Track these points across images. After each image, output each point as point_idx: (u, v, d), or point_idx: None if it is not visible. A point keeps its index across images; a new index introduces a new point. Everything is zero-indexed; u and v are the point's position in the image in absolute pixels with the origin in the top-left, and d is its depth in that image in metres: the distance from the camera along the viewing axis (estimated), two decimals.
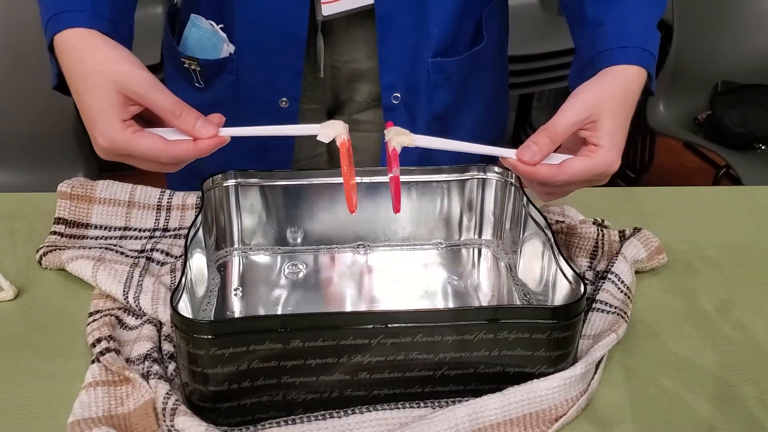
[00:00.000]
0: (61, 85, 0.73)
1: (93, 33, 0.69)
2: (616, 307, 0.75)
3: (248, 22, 0.88)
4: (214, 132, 0.67)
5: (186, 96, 0.96)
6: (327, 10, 0.86)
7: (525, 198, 0.80)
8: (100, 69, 0.66)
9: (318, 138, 0.68)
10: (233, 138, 0.96)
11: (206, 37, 0.90)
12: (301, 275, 0.83)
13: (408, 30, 0.89)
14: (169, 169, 0.68)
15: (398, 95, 0.92)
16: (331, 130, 0.67)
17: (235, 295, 0.80)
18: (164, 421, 0.61)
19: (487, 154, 0.71)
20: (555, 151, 0.70)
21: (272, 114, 0.93)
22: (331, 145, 1.04)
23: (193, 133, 0.66)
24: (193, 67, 0.92)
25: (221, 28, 0.89)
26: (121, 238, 0.86)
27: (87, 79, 0.66)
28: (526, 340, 0.64)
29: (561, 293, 0.71)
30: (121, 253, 0.82)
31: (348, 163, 0.67)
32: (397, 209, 0.71)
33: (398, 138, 0.68)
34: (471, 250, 0.88)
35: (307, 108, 0.97)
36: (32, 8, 1.56)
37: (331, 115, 1.01)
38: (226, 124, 0.96)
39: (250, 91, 0.92)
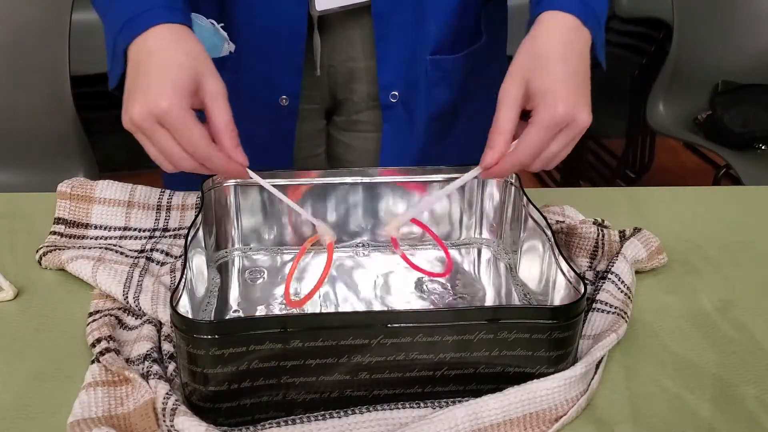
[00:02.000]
0: (118, 87, 0.74)
1: (180, 27, 0.71)
2: (616, 307, 0.75)
3: (248, 20, 0.89)
4: (246, 162, 0.69)
5: None
6: (321, 5, 0.86)
7: (525, 198, 0.80)
8: (188, 55, 0.69)
9: (317, 228, 0.74)
10: None
11: (207, 37, 0.90)
12: (301, 275, 0.83)
13: (405, 27, 0.89)
14: (184, 164, 0.68)
15: (396, 93, 0.92)
16: (326, 230, 0.73)
17: (251, 281, 0.81)
18: (164, 421, 0.61)
19: (464, 183, 0.74)
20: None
21: (273, 112, 0.93)
22: (330, 145, 1.04)
23: (232, 151, 0.68)
24: None
25: (221, 27, 0.89)
26: (120, 238, 0.86)
27: (174, 55, 0.68)
28: (526, 340, 0.64)
29: (561, 293, 0.71)
30: (121, 253, 0.82)
31: (329, 266, 0.72)
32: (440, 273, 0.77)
33: (388, 228, 0.74)
34: (471, 250, 0.88)
35: (305, 108, 0.97)
36: (32, 8, 1.57)
37: (329, 114, 1.01)
38: None
39: (250, 89, 0.92)
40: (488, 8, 0.95)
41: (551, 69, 0.69)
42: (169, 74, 0.67)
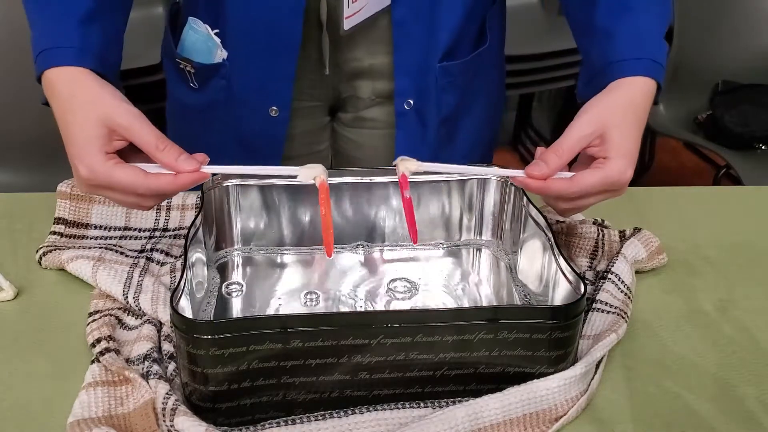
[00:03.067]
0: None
1: (81, 71, 0.71)
2: (616, 307, 0.75)
3: (241, 31, 0.89)
4: (195, 167, 0.68)
5: (183, 96, 0.97)
6: (348, 24, 0.86)
7: (525, 198, 0.80)
8: (88, 103, 0.68)
9: (298, 179, 0.70)
10: (223, 144, 0.96)
11: (201, 41, 0.90)
12: (301, 276, 0.83)
13: (420, 36, 0.89)
14: (147, 203, 0.70)
15: (411, 101, 0.92)
16: (311, 172, 0.69)
17: (228, 294, 0.80)
18: (164, 421, 0.61)
19: (497, 176, 0.72)
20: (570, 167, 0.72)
21: (263, 121, 0.93)
22: (336, 141, 1.04)
23: (175, 166, 0.67)
24: (188, 68, 0.92)
25: (216, 34, 0.90)
26: (120, 238, 0.86)
27: (75, 113, 0.68)
28: (526, 340, 0.64)
29: (561, 293, 0.71)
30: (121, 253, 0.82)
31: (326, 206, 0.68)
32: (414, 238, 0.71)
33: (406, 164, 0.71)
34: (471, 250, 0.88)
35: (306, 105, 0.97)
36: None
37: (333, 111, 1.01)
38: (222, 127, 0.96)
39: (241, 97, 0.92)
40: (492, 11, 0.95)
41: (631, 132, 0.72)
42: (75, 137, 0.68)
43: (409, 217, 0.70)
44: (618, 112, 0.72)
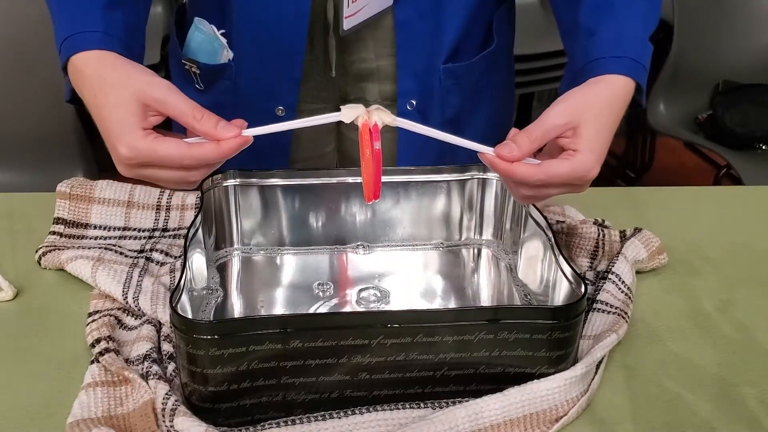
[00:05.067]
0: (74, 99, 0.73)
1: (108, 53, 0.69)
2: (616, 308, 0.74)
3: (248, 32, 0.89)
4: (236, 132, 0.66)
5: (188, 96, 0.97)
6: (348, 24, 0.86)
7: None
8: (119, 83, 0.67)
9: (340, 117, 0.67)
10: None
11: (207, 42, 0.90)
12: (301, 276, 0.83)
13: (424, 37, 0.89)
14: (194, 176, 0.68)
15: (414, 102, 0.92)
16: (353, 112, 0.67)
17: (227, 294, 0.80)
18: (164, 421, 0.61)
19: (466, 147, 0.70)
20: (535, 157, 0.71)
21: (269, 121, 0.92)
22: (343, 143, 1.04)
23: (215, 134, 0.66)
24: (193, 69, 0.92)
25: (222, 34, 0.90)
26: (120, 238, 0.86)
27: (107, 95, 0.67)
28: (527, 340, 0.63)
29: (561, 293, 0.71)
30: (121, 253, 0.82)
31: (366, 147, 0.66)
32: (375, 195, 0.68)
33: (380, 114, 0.67)
34: (471, 250, 0.88)
35: (314, 108, 0.97)
36: (33, 9, 1.56)
37: None
38: None
39: (247, 97, 0.92)
40: (499, 13, 0.95)
41: (604, 129, 0.70)
42: (110, 118, 0.66)
43: (376, 173, 0.67)
44: (594, 107, 0.70)
